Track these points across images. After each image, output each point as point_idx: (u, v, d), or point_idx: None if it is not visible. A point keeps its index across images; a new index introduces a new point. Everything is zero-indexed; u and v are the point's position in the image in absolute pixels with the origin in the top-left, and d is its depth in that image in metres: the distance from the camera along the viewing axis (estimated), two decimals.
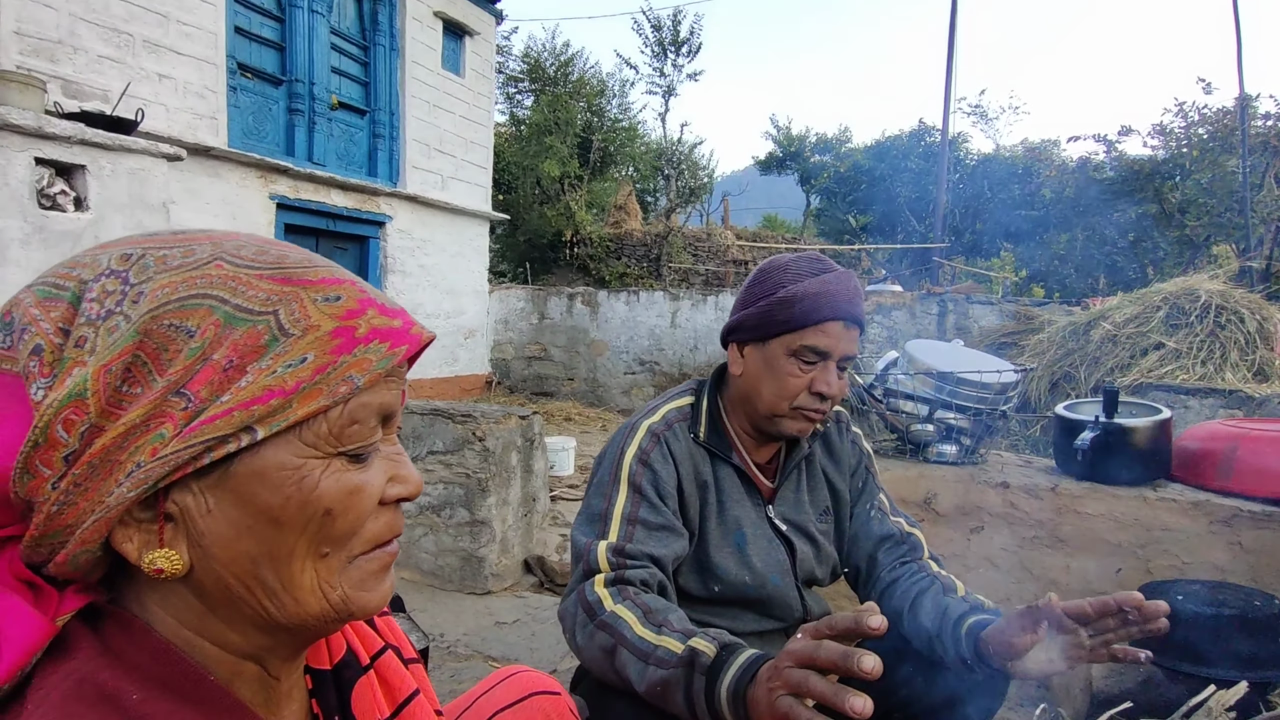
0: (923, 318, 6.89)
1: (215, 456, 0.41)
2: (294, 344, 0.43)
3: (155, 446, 0.40)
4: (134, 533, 0.42)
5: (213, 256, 0.44)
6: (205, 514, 0.42)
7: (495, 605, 2.60)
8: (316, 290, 0.45)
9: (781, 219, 21.75)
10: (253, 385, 0.42)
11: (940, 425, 2.19)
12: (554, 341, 8.59)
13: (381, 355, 0.46)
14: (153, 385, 0.41)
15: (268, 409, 0.42)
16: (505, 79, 15.51)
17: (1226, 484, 1.89)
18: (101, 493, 0.40)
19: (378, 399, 0.47)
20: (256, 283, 0.44)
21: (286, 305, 0.44)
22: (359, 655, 0.58)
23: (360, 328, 0.45)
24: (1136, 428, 1.92)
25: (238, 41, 5.79)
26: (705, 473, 1.20)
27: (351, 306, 0.46)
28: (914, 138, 14.36)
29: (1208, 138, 9.50)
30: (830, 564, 1.27)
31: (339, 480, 0.45)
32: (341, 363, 0.44)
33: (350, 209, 6.67)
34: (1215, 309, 4.61)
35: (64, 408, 0.39)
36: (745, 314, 1.17)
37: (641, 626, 0.96)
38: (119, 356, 0.40)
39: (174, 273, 0.43)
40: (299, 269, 0.46)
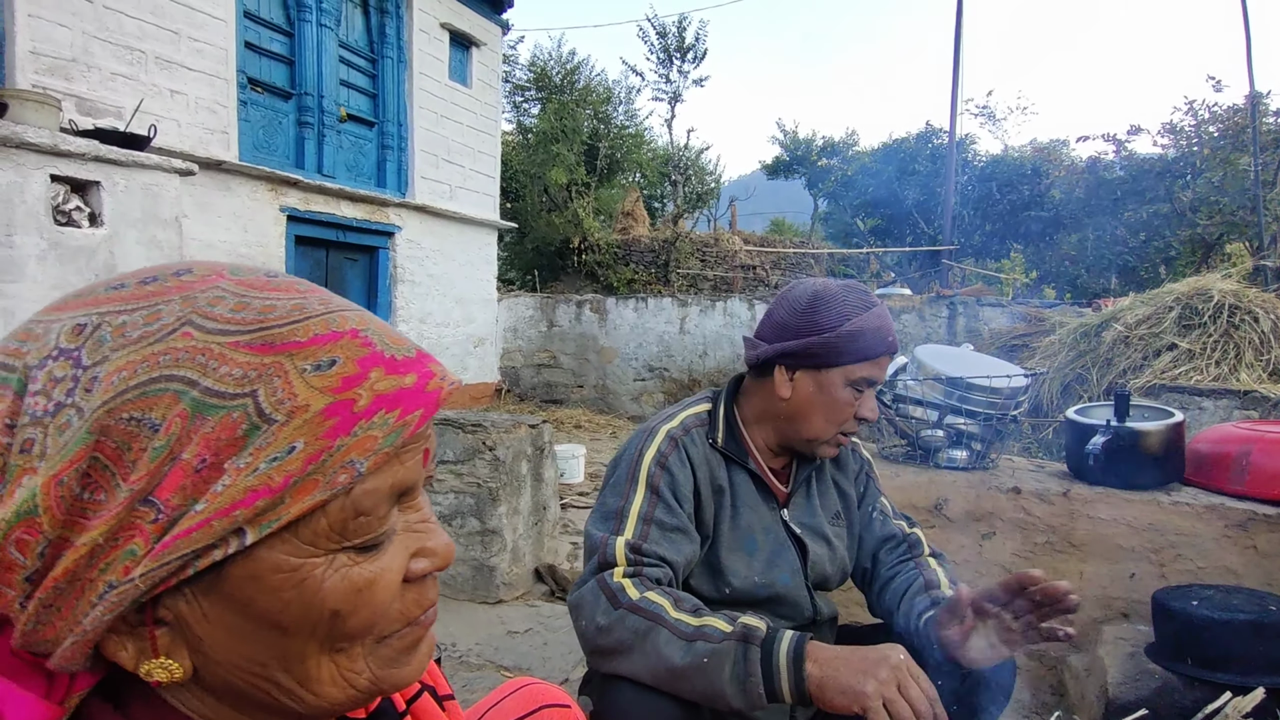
0: (932, 321, 6.87)
1: (201, 566, 0.36)
2: (278, 432, 0.36)
3: (127, 565, 0.35)
4: (127, 640, 0.38)
5: (180, 321, 0.37)
6: (201, 620, 0.38)
7: (507, 614, 2.61)
8: (305, 356, 0.38)
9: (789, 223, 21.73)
10: (232, 488, 0.35)
11: (950, 430, 2.18)
12: (563, 349, 8.61)
13: (389, 429, 0.39)
14: (116, 492, 0.35)
15: (253, 511, 0.36)
16: (512, 88, 15.61)
17: (1241, 487, 1.87)
18: (76, 613, 0.35)
19: (388, 481, 0.40)
20: (231, 354, 0.37)
21: (267, 383, 0.37)
22: (395, 701, 0.55)
23: (361, 399, 0.38)
24: (1149, 431, 1.91)
25: (248, 56, 5.87)
26: (721, 477, 1.23)
27: (349, 372, 0.38)
28: (921, 140, 14.32)
29: (1219, 136, 9.43)
30: (841, 565, 1.31)
31: (345, 578, 0.39)
32: (339, 447, 0.37)
33: (360, 220, 6.73)
34: (1229, 309, 4.57)
35: (13, 528, 0.34)
36: (807, 342, 1.20)
37: (676, 610, 1.01)
38: (72, 463, 0.34)
39: (133, 348, 0.36)
40: (285, 326, 0.38)
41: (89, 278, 3.67)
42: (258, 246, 5.83)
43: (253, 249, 5.79)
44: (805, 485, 1.31)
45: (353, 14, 6.95)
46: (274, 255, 5.94)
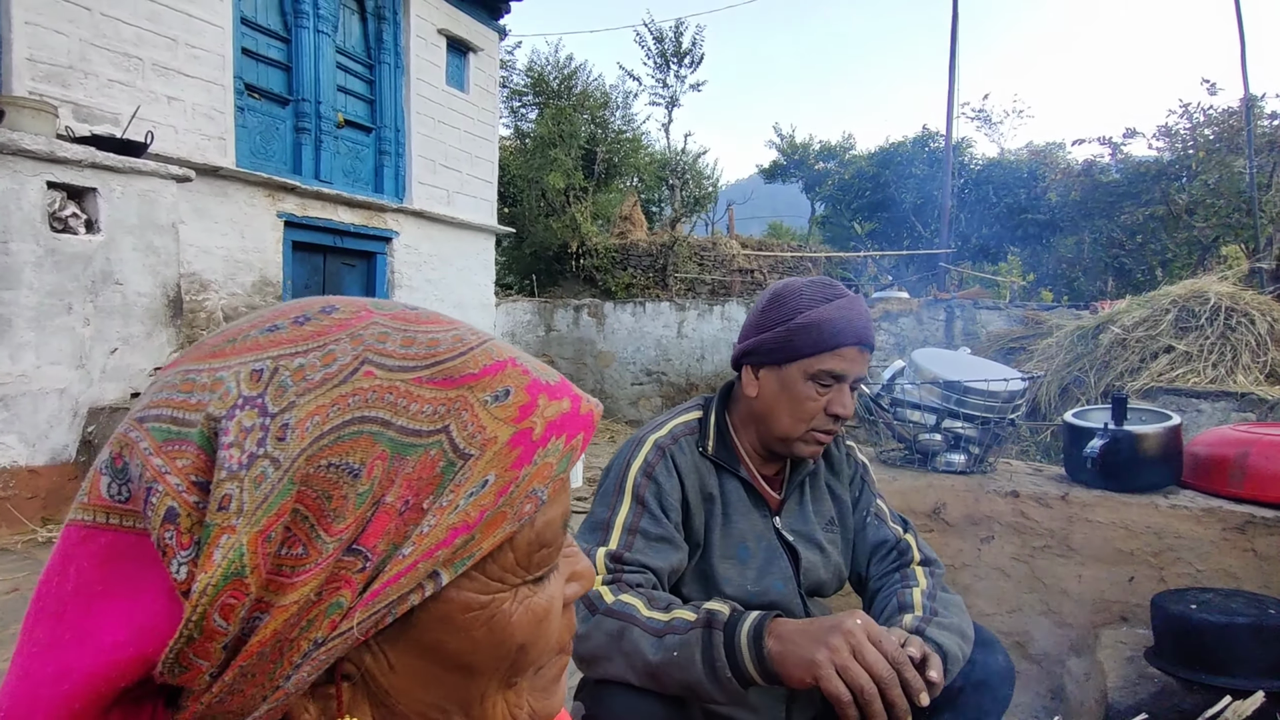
0: (930, 324, 6.87)
1: (400, 613, 0.35)
2: (473, 466, 0.36)
3: (334, 619, 0.34)
4: (309, 702, 0.36)
5: (358, 359, 0.36)
6: (387, 672, 0.37)
7: None
8: (483, 387, 0.38)
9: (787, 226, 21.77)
10: (437, 528, 0.35)
11: (948, 434, 2.18)
12: (561, 353, 8.61)
13: (560, 454, 0.39)
14: (319, 545, 0.33)
15: (452, 550, 0.35)
16: (509, 93, 15.64)
17: (1239, 490, 1.87)
18: (274, 678, 0.34)
19: (560, 509, 0.40)
20: (418, 391, 0.36)
21: (457, 417, 0.36)
22: None
23: (537, 427, 0.38)
24: (1146, 434, 1.91)
25: (245, 63, 5.87)
26: (711, 485, 1.22)
27: (523, 401, 0.38)
28: (918, 144, 14.34)
29: (1213, 138, 9.46)
30: (836, 571, 1.30)
31: (529, 609, 0.39)
32: (524, 476, 0.37)
33: (357, 226, 6.73)
34: (1225, 311, 4.58)
35: (220, 593, 0.32)
36: (761, 338, 1.20)
37: (648, 609, 1.01)
38: (278, 517, 0.33)
39: (319, 391, 0.35)
40: (456, 359, 0.38)
41: (85, 284, 3.67)
42: (255, 253, 5.83)
43: (250, 255, 5.79)
44: (798, 492, 1.30)
45: (350, 20, 6.96)
46: (271, 261, 5.94)
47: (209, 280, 5.51)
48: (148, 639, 0.32)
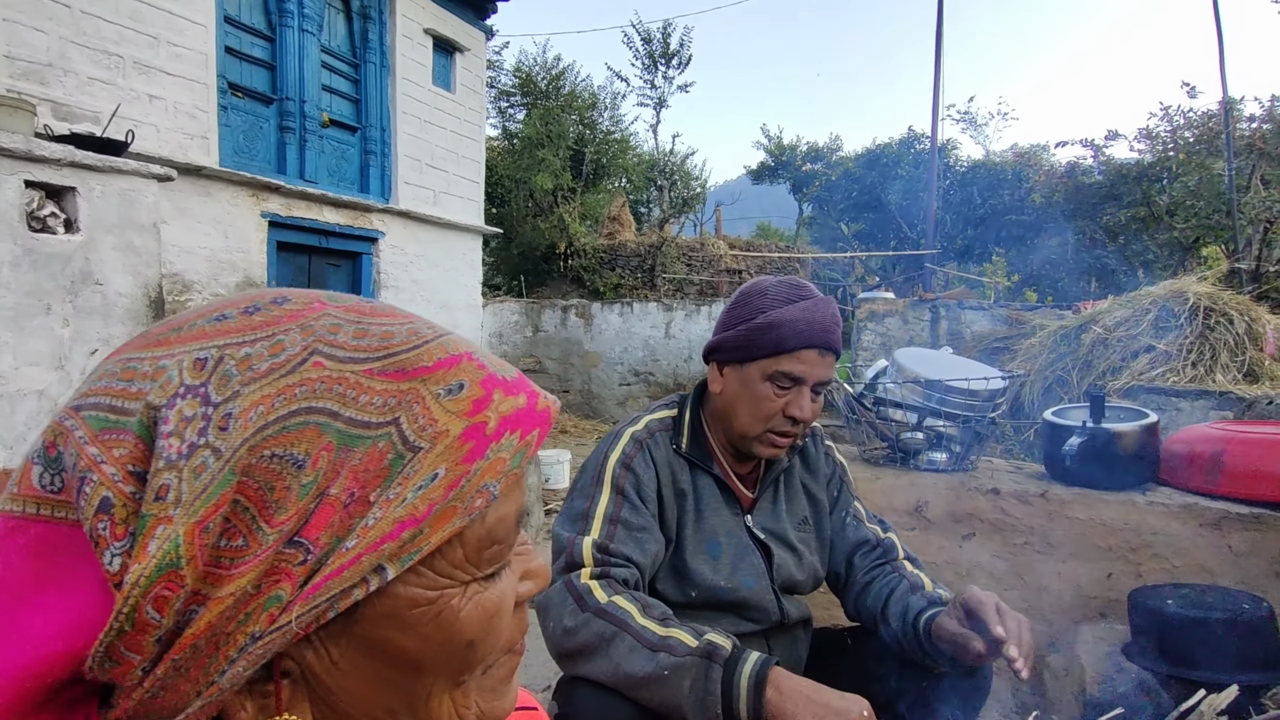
0: (915, 324, 6.92)
1: (342, 608, 0.34)
2: (423, 459, 0.35)
3: (272, 612, 0.33)
4: (246, 699, 0.35)
5: (307, 350, 0.35)
6: (330, 669, 0.36)
7: None
8: (436, 380, 0.37)
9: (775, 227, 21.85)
10: (382, 521, 0.34)
11: (930, 433, 2.19)
12: (548, 354, 8.59)
13: (514, 450, 0.38)
14: (260, 537, 0.33)
15: (398, 544, 0.34)
16: (497, 93, 15.60)
17: (1214, 487, 1.90)
18: (208, 673, 0.33)
19: (514, 505, 0.40)
20: (368, 383, 0.35)
21: (408, 410, 0.36)
22: None
23: (490, 421, 0.37)
24: (1124, 432, 1.93)
25: (228, 61, 5.82)
26: (684, 481, 1.23)
27: (477, 395, 0.38)
28: (904, 145, 14.46)
29: (1193, 140, 9.59)
30: (811, 571, 1.31)
31: (478, 606, 0.38)
32: (475, 470, 0.36)
33: (342, 226, 6.69)
34: (1204, 311, 4.64)
35: (154, 584, 0.31)
36: (725, 336, 1.21)
37: (642, 616, 1.01)
38: (216, 508, 0.32)
39: (265, 381, 0.34)
40: (409, 351, 0.37)
41: (64, 284, 3.62)
42: (239, 253, 5.78)
43: (234, 255, 5.74)
44: (772, 490, 1.31)
45: (335, 19, 6.92)
46: (255, 262, 5.89)
47: (192, 281, 5.46)
48: (79, 634, 0.31)
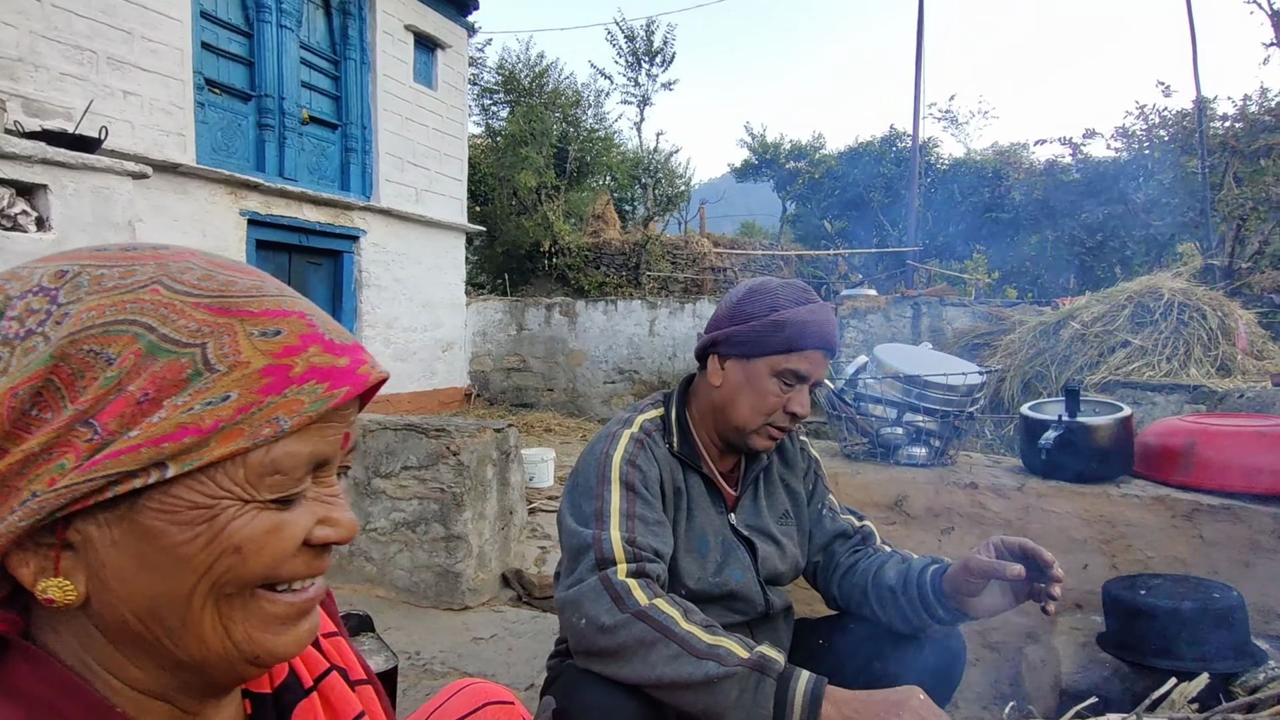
0: (897, 321, 6.97)
1: (120, 491, 0.39)
2: (218, 380, 0.41)
3: (54, 476, 0.38)
4: (31, 557, 0.40)
5: (152, 279, 0.42)
6: (108, 546, 0.41)
7: (472, 620, 2.58)
8: (255, 323, 0.43)
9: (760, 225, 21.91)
10: (165, 421, 0.39)
11: (910, 428, 2.21)
12: (532, 352, 8.57)
13: (316, 397, 0.43)
14: (61, 413, 0.39)
15: (180, 446, 0.39)
16: (480, 91, 15.51)
17: (1186, 479, 1.93)
18: None
19: (308, 447, 0.44)
20: (190, 311, 0.41)
21: (217, 338, 0.41)
22: (301, 678, 0.56)
23: (297, 366, 0.43)
24: (1098, 426, 1.96)
25: (205, 57, 5.74)
26: (679, 480, 1.25)
27: (291, 343, 0.43)
28: (886, 143, 14.56)
29: (1168, 139, 9.75)
30: (793, 562, 1.34)
31: (254, 519, 0.42)
32: (269, 403, 0.41)
33: (323, 224, 6.62)
34: (1178, 306, 4.72)
35: None
36: (734, 330, 1.22)
37: (686, 623, 1.00)
38: (28, 380, 0.38)
39: (106, 295, 0.41)
40: (242, 298, 0.43)
41: None
42: (217, 251, 5.70)
43: None
44: (753, 487, 1.34)
45: (314, 15, 6.85)
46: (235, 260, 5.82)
47: None
48: None
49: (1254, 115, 9.11)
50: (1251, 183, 8.93)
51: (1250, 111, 9.27)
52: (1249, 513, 1.81)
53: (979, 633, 2.06)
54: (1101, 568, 1.91)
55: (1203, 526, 1.84)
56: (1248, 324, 4.87)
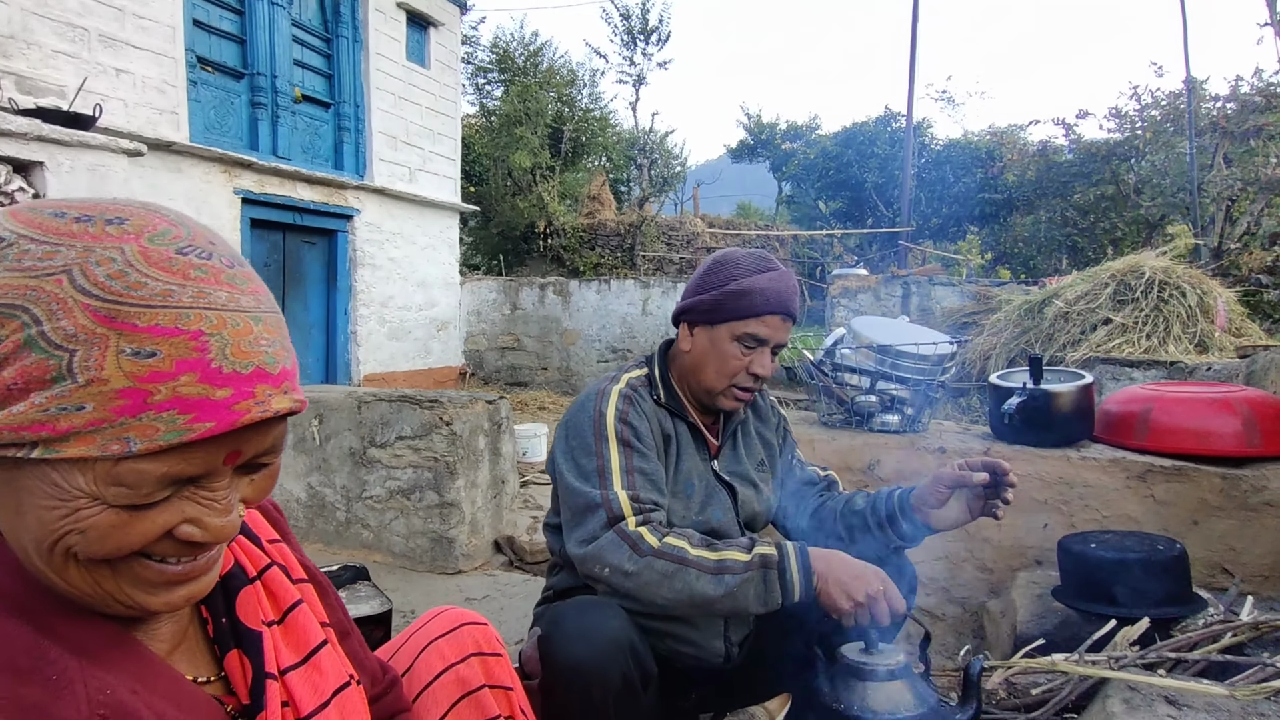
0: (888, 300, 7.05)
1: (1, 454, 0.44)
2: (74, 391, 0.43)
3: None
4: None
5: (65, 266, 0.44)
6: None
7: (466, 583, 2.69)
8: (133, 339, 0.43)
9: (756, 206, 21.89)
10: (24, 414, 0.43)
11: (885, 396, 2.30)
12: (526, 332, 8.64)
13: (174, 427, 0.44)
14: None
15: (37, 437, 0.43)
16: (474, 69, 15.40)
17: (1143, 443, 2.02)
18: None
19: (162, 468, 0.45)
20: (76, 313, 0.43)
21: (87, 348, 0.43)
22: (246, 569, 0.63)
23: (158, 393, 0.43)
24: (1060, 392, 2.05)
25: (197, 35, 5.73)
26: (668, 427, 1.37)
27: (163, 368, 0.44)
28: (880, 123, 14.53)
29: (1161, 119, 9.78)
30: (768, 505, 1.48)
31: (101, 514, 0.46)
32: (120, 423, 0.43)
33: (317, 203, 6.65)
34: (1159, 285, 4.80)
35: None
36: (699, 299, 1.33)
37: (695, 549, 1.16)
38: None
39: (16, 274, 0.43)
40: (136, 307, 0.44)
41: None
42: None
43: None
44: (732, 439, 1.46)
45: None
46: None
47: None
48: None
49: (1245, 96, 9.14)
50: (1241, 163, 8.99)
51: (1242, 92, 9.30)
52: (1198, 473, 1.91)
53: (945, 589, 2.17)
54: (1060, 526, 2.01)
55: (1155, 487, 1.94)
56: (1227, 302, 4.96)
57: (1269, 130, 8.82)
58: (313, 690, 0.61)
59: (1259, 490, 1.86)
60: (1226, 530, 1.88)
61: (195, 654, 0.59)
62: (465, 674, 0.93)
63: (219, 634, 0.60)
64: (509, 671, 0.99)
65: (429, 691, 0.93)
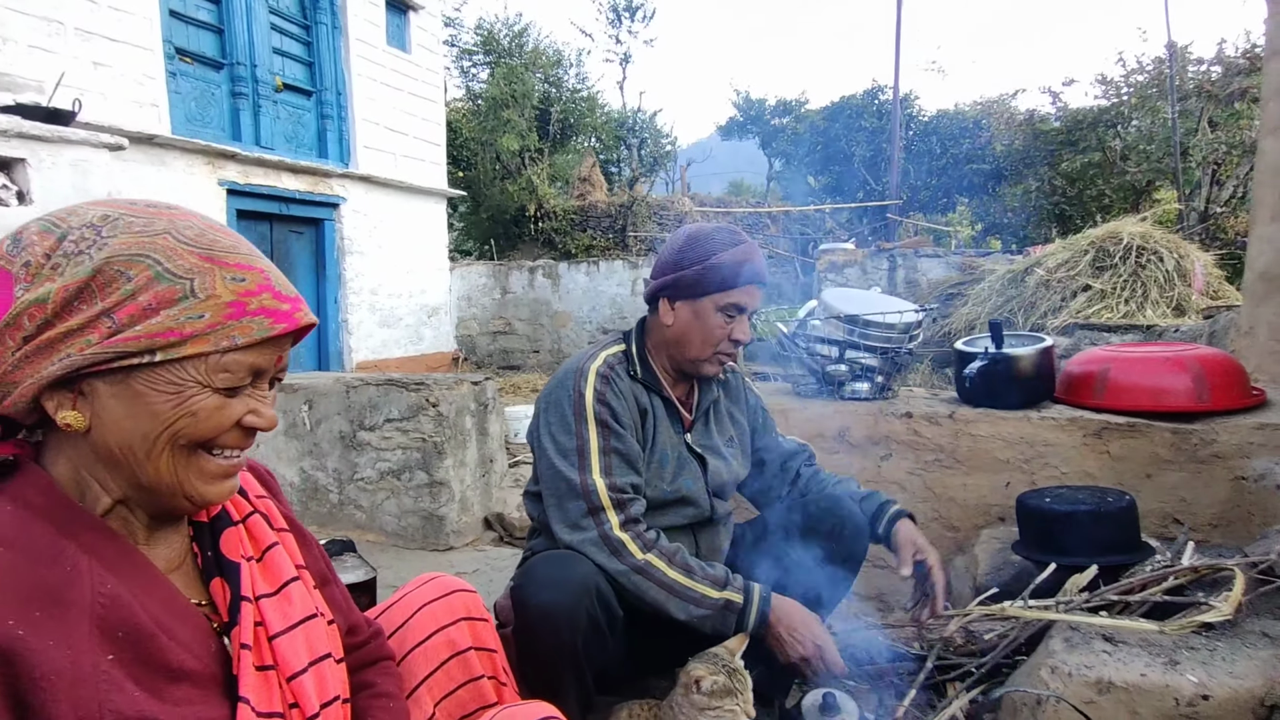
0: (874, 273, 7.11)
1: (123, 364, 0.60)
2: (197, 305, 0.61)
3: (82, 346, 0.59)
4: (56, 396, 0.62)
5: (164, 230, 0.62)
6: (108, 397, 0.62)
7: (456, 559, 2.77)
8: (229, 271, 0.63)
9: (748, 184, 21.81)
10: (159, 324, 0.60)
11: (856, 365, 2.37)
12: (517, 315, 8.68)
13: (263, 327, 0.64)
14: (94, 307, 0.60)
15: (166, 341, 0.60)
16: (459, 52, 15.27)
17: (1100, 401, 2.10)
18: (39, 367, 0.60)
19: (250, 358, 0.65)
20: (186, 255, 0.62)
21: (202, 277, 0.62)
22: (231, 515, 0.77)
23: (252, 304, 0.63)
24: (1021, 356, 2.12)
25: (174, 25, 5.71)
26: (645, 402, 1.44)
27: (251, 288, 0.64)
28: (868, 97, 14.46)
29: (1146, 84, 9.76)
30: (734, 476, 1.56)
31: (209, 398, 0.64)
32: (229, 325, 0.62)
33: (303, 192, 6.66)
34: (1137, 250, 4.87)
35: (30, 306, 0.59)
36: (681, 275, 1.40)
37: (670, 569, 1.28)
38: (76, 281, 0.59)
39: (132, 235, 0.61)
40: (223, 252, 0.64)
41: None
42: None
43: None
44: (705, 415, 1.55)
45: None
46: None
47: None
48: None
49: (1230, 59, 9.13)
50: (1227, 127, 9.00)
51: (1227, 55, 9.28)
52: (1151, 429, 1.98)
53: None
54: (1021, 484, 2.09)
55: (1111, 443, 2.02)
56: (1205, 265, 5.03)
57: (1254, 93, 8.83)
58: (281, 616, 0.73)
59: (1208, 444, 1.94)
60: (1178, 482, 1.96)
61: (188, 579, 0.72)
62: (455, 636, 1.02)
63: (206, 565, 0.73)
64: (494, 636, 1.08)
65: (420, 650, 1.02)
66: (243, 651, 0.68)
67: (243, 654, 0.68)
